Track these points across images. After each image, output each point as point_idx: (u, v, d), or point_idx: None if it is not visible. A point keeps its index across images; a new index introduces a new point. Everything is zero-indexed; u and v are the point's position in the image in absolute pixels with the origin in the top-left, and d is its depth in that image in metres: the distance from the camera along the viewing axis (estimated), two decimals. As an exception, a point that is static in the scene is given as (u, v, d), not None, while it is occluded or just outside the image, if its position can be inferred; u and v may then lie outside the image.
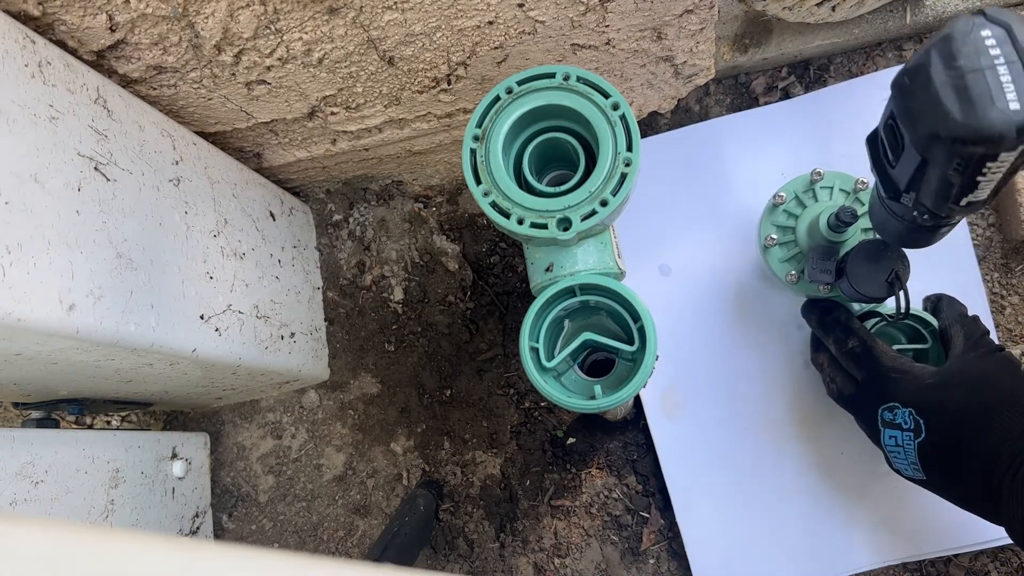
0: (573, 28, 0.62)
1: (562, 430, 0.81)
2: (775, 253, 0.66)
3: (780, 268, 0.65)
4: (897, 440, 0.57)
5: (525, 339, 0.53)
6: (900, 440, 0.57)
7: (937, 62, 0.36)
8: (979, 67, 0.35)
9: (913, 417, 0.55)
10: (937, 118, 0.36)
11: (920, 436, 0.55)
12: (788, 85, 0.80)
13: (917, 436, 0.55)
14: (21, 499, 0.61)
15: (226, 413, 0.90)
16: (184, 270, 0.63)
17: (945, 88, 0.36)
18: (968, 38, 0.36)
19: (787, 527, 0.73)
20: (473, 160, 0.53)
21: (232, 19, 0.57)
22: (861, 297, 0.57)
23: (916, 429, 0.55)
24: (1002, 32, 0.36)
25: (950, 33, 0.37)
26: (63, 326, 0.49)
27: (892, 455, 0.59)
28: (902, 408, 0.56)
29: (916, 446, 0.55)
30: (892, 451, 0.58)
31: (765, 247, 0.66)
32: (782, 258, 0.65)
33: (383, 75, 0.66)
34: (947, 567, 0.72)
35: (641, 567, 0.77)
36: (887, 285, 0.55)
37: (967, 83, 0.35)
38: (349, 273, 0.90)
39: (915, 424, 0.55)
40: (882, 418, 0.58)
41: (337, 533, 0.86)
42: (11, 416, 0.92)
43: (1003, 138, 0.35)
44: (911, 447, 0.56)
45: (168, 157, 0.64)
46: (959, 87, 0.36)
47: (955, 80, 0.36)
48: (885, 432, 0.58)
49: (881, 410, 0.58)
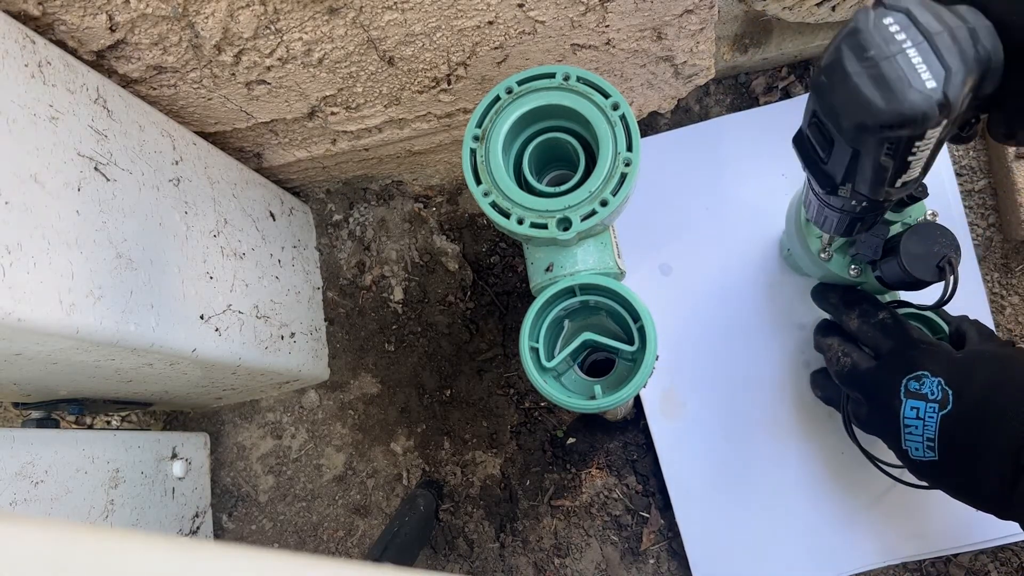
0: (573, 28, 0.62)
1: (562, 430, 0.81)
2: (814, 229, 0.62)
3: (816, 244, 0.63)
4: (919, 412, 0.55)
5: (525, 339, 0.53)
6: (923, 412, 0.55)
7: (850, 56, 0.38)
8: (890, 54, 0.37)
9: (942, 387, 0.54)
10: (861, 109, 0.38)
11: (946, 408, 0.54)
12: (788, 85, 0.80)
13: (943, 408, 0.54)
14: (21, 499, 0.61)
15: (226, 413, 0.90)
16: (184, 270, 0.63)
17: (862, 79, 0.38)
18: (874, 28, 0.38)
19: (787, 527, 0.73)
20: (473, 160, 0.53)
21: (232, 19, 0.57)
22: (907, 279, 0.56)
23: (943, 400, 0.54)
24: (903, 17, 0.38)
25: (856, 27, 0.38)
26: (63, 326, 0.49)
27: (908, 430, 0.56)
28: (931, 377, 0.55)
29: (939, 419, 0.54)
30: (910, 425, 0.56)
31: (806, 220, 0.63)
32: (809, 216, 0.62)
33: (383, 75, 0.66)
34: (947, 567, 0.72)
35: (641, 567, 0.77)
36: (937, 270, 0.55)
37: (882, 71, 0.37)
38: (349, 273, 0.90)
39: (943, 395, 0.54)
40: (907, 388, 0.56)
41: (337, 533, 0.86)
42: (11, 416, 0.92)
43: (927, 116, 0.37)
44: (933, 421, 0.54)
45: (168, 157, 0.64)
46: (875, 76, 0.37)
47: (870, 70, 0.37)
48: (907, 403, 0.56)
49: (907, 380, 0.56)
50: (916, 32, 0.37)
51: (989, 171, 0.75)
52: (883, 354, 0.60)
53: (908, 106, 0.37)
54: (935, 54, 0.37)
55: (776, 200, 0.77)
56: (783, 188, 0.77)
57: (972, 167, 0.75)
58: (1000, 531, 0.69)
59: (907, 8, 0.38)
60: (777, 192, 0.77)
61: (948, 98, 0.37)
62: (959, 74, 0.37)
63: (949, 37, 0.37)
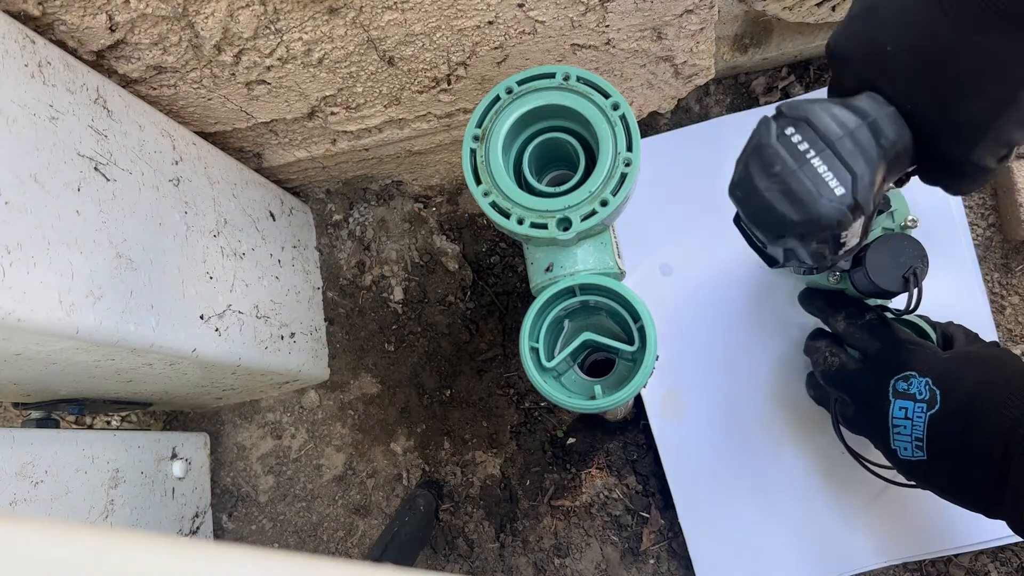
0: (573, 28, 0.62)
1: (562, 430, 0.81)
2: None
3: None
4: (908, 412, 0.56)
5: (525, 339, 0.53)
6: (911, 412, 0.55)
7: (758, 173, 0.40)
8: (795, 167, 0.38)
9: (930, 387, 0.55)
10: (776, 223, 0.39)
11: (934, 408, 0.54)
12: (788, 85, 0.80)
13: (931, 408, 0.54)
14: (21, 499, 0.61)
15: (226, 413, 0.90)
16: (184, 270, 0.63)
17: (773, 194, 0.39)
18: (776, 142, 0.39)
19: (788, 527, 0.73)
20: (473, 160, 0.53)
21: (232, 19, 0.57)
22: (874, 289, 0.57)
23: (931, 400, 0.54)
24: (804, 126, 0.39)
25: (759, 141, 0.40)
26: (63, 326, 0.49)
27: (896, 431, 0.57)
28: (919, 378, 0.55)
29: (927, 419, 0.54)
30: (898, 425, 0.56)
31: None
32: None
33: (383, 75, 0.66)
34: (947, 567, 0.72)
35: (641, 567, 0.77)
36: (903, 280, 0.55)
37: (790, 185, 0.38)
38: (349, 273, 0.90)
39: (931, 395, 0.54)
40: (895, 388, 0.57)
41: (337, 533, 0.86)
42: (11, 416, 0.92)
43: (841, 222, 0.38)
44: (921, 421, 0.55)
45: (168, 157, 0.64)
46: (785, 191, 0.39)
47: (779, 185, 0.39)
48: (895, 404, 0.56)
49: (895, 380, 0.57)
50: (818, 140, 0.38)
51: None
52: (870, 355, 0.60)
53: (820, 216, 0.38)
54: (839, 160, 0.38)
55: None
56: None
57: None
58: (1000, 531, 0.69)
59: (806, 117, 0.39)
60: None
61: (858, 201, 0.38)
62: (865, 176, 0.38)
63: (850, 141, 0.38)
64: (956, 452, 0.53)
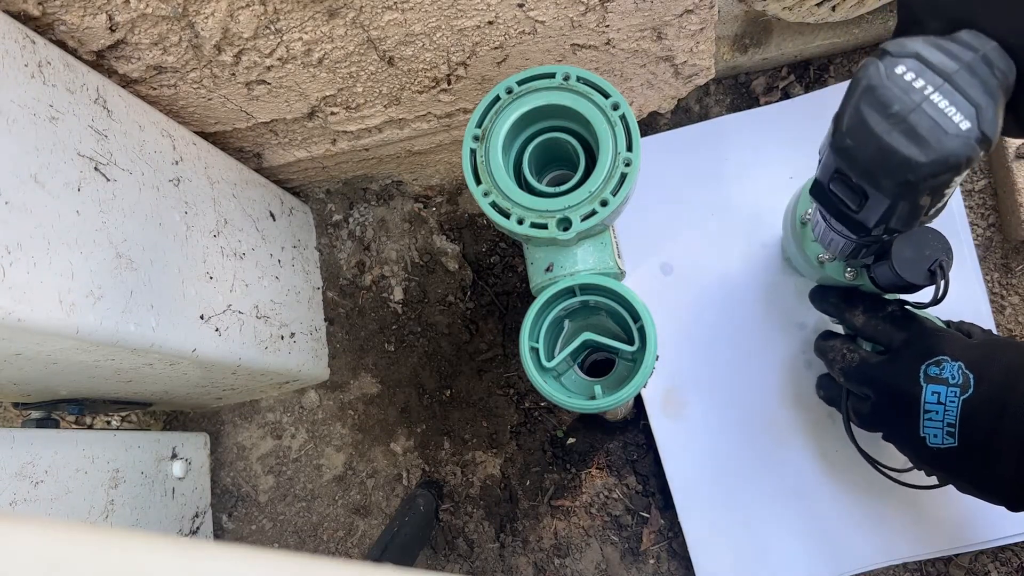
0: (573, 28, 0.62)
1: (562, 430, 0.81)
2: (810, 233, 0.63)
3: (812, 248, 0.62)
4: (940, 396, 0.55)
5: (525, 339, 0.53)
6: (944, 396, 0.54)
7: (874, 115, 0.37)
8: (914, 104, 0.36)
9: (963, 371, 0.54)
10: (900, 167, 0.37)
11: (968, 392, 0.53)
12: (788, 85, 0.80)
13: (964, 392, 0.53)
14: (21, 499, 0.61)
15: (226, 413, 0.90)
16: (184, 270, 0.63)
17: (894, 136, 0.37)
18: (888, 81, 0.37)
19: (788, 527, 0.73)
20: (473, 160, 0.53)
21: (232, 19, 0.57)
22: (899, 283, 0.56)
23: (964, 384, 0.53)
24: (914, 63, 0.37)
25: (869, 83, 0.37)
26: (63, 326, 0.49)
27: (928, 416, 0.56)
28: (951, 362, 0.55)
29: (961, 403, 0.53)
30: (931, 410, 0.55)
31: (801, 223, 0.63)
32: (815, 238, 0.63)
33: (383, 75, 0.66)
34: (947, 567, 0.72)
35: (641, 567, 0.77)
36: (929, 274, 0.54)
37: (912, 124, 0.36)
38: (349, 273, 0.90)
39: (964, 379, 0.54)
40: (926, 373, 0.56)
41: (337, 533, 0.86)
42: (11, 416, 0.92)
43: (970, 158, 0.36)
44: (955, 405, 0.54)
45: (168, 157, 0.64)
46: (907, 131, 0.36)
47: (899, 126, 0.36)
48: (927, 389, 0.55)
49: (926, 365, 0.56)
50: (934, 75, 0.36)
51: (989, 171, 0.75)
52: (896, 345, 0.59)
53: (949, 152, 0.36)
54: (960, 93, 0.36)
55: (776, 199, 0.77)
56: (783, 187, 0.77)
57: (972, 167, 0.75)
58: (1000, 531, 0.69)
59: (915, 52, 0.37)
60: (777, 191, 0.77)
61: (985, 134, 0.36)
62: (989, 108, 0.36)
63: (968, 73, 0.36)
64: (988, 438, 0.52)
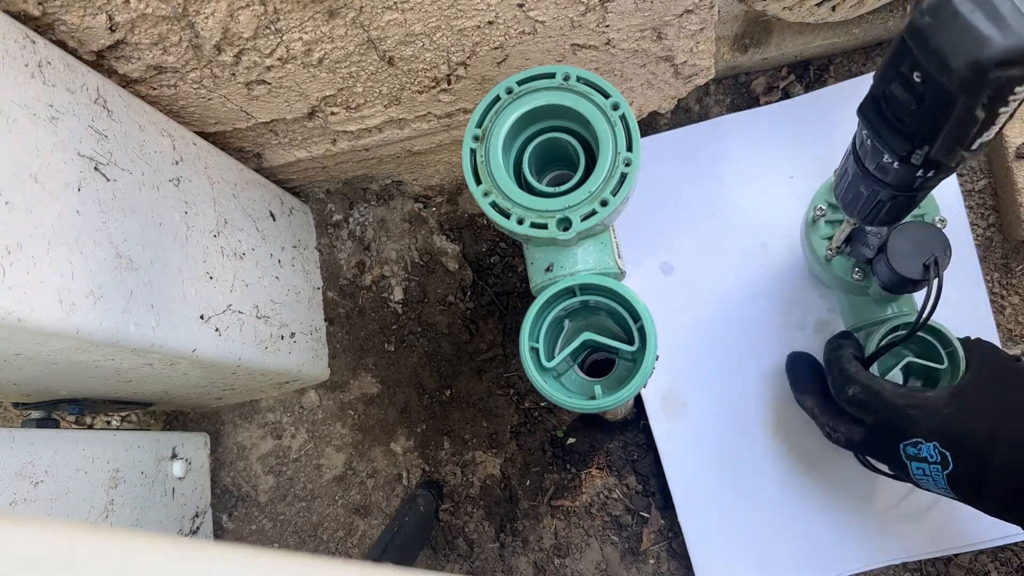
0: (573, 28, 0.62)
1: (562, 430, 0.81)
2: (820, 228, 0.64)
3: (820, 244, 0.63)
4: (925, 471, 0.56)
5: (525, 339, 0.53)
6: (928, 471, 0.56)
7: None
8: None
9: (939, 450, 0.54)
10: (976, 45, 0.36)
11: (948, 468, 0.54)
12: (788, 85, 0.80)
13: (945, 468, 0.54)
14: (21, 499, 0.61)
15: (226, 413, 0.90)
16: (184, 270, 0.63)
17: (976, 15, 0.36)
18: None
19: (788, 526, 0.73)
20: (473, 160, 0.53)
21: (232, 19, 0.57)
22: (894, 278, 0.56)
23: (943, 462, 0.54)
24: None
25: None
26: (63, 326, 0.49)
27: (922, 483, 0.58)
28: (926, 443, 0.55)
29: (945, 477, 0.55)
30: (922, 480, 0.57)
31: (813, 219, 0.64)
32: (825, 235, 0.64)
33: (383, 75, 0.66)
34: (947, 567, 0.72)
35: (641, 567, 0.77)
36: (924, 268, 0.54)
37: (995, 4, 0.36)
38: (349, 273, 0.90)
39: (942, 457, 0.54)
40: (906, 453, 0.57)
41: (337, 533, 0.86)
42: (11, 416, 0.92)
43: None
44: (940, 478, 0.55)
45: (168, 157, 0.64)
46: (988, 10, 0.36)
47: (983, 6, 0.36)
48: (912, 465, 0.57)
49: (903, 446, 0.57)
50: None
51: (989, 171, 0.75)
52: (870, 424, 0.60)
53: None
54: None
55: (776, 199, 0.77)
56: (783, 187, 0.77)
57: (972, 167, 0.75)
58: (1000, 531, 0.69)
59: None
60: (777, 192, 0.77)
61: None
62: None
63: None
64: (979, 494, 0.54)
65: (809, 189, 0.66)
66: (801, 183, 0.77)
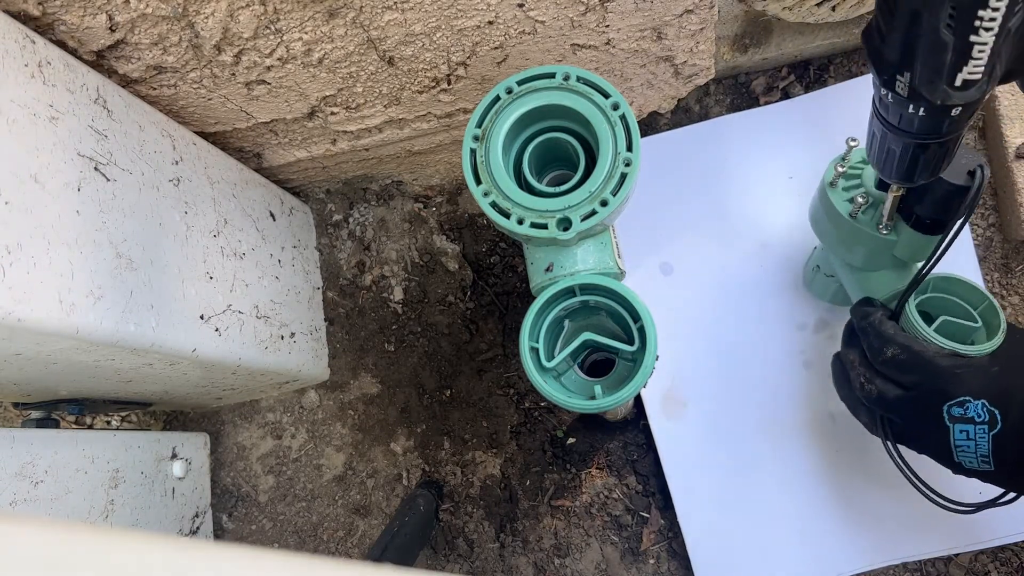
0: (573, 28, 0.62)
1: (562, 430, 0.81)
2: (839, 190, 0.61)
3: (843, 204, 0.61)
4: (969, 434, 0.54)
5: (525, 339, 0.53)
6: (973, 434, 0.54)
7: None
8: None
9: (987, 408, 0.53)
10: None
11: (996, 427, 0.53)
12: (788, 85, 0.80)
13: (992, 428, 0.53)
14: (21, 499, 0.61)
15: (226, 413, 0.90)
16: (184, 270, 0.63)
17: None
18: None
19: (788, 526, 0.73)
20: (473, 160, 0.53)
21: (232, 19, 0.57)
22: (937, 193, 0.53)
23: (991, 420, 0.53)
24: None
25: None
26: (63, 326, 0.49)
27: (961, 450, 0.56)
28: (974, 401, 0.54)
29: (991, 438, 0.53)
30: (962, 446, 0.55)
31: (831, 183, 0.61)
32: (846, 194, 0.61)
33: (383, 75, 0.66)
34: (947, 567, 0.72)
35: (641, 567, 0.77)
36: (968, 175, 0.52)
37: None
38: (349, 273, 0.90)
39: (990, 416, 0.53)
40: (950, 414, 0.55)
41: (337, 533, 0.86)
42: (11, 416, 0.92)
43: None
44: (985, 441, 0.54)
45: (168, 157, 0.64)
46: None
47: None
48: (955, 428, 0.55)
49: (948, 406, 0.55)
50: None
51: (989, 171, 0.75)
52: (911, 385, 0.57)
53: None
54: None
55: (776, 199, 0.77)
56: (783, 187, 0.77)
57: None
58: (1000, 531, 0.69)
59: None
60: (777, 191, 0.77)
61: None
62: None
63: None
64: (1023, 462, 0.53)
65: (809, 189, 0.66)
66: (801, 183, 0.77)
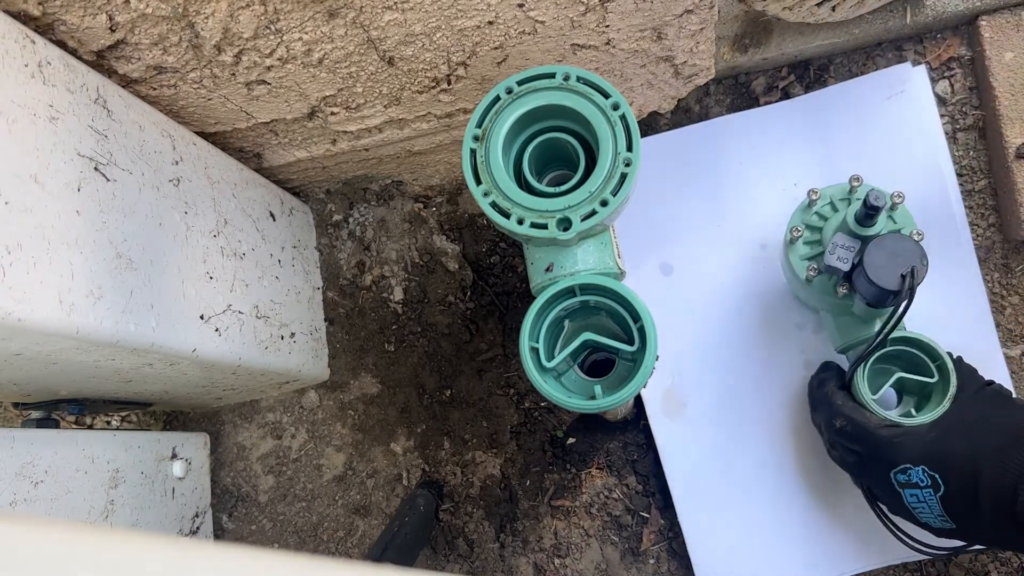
0: (573, 28, 0.62)
1: (562, 430, 0.81)
2: (798, 249, 0.64)
3: (800, 265, 0.63)
4: (919, 497, 0.58)
5: (525, 339, 0.53)
6: (922, 497, 0.57)
7: None
8: None
9: (928, 473, 0.56)
10: None
11: (940, 490, 0.56)
12: (788, 85, 0.80)
13: (937, 491, 0.56)
14: (21, 499, 0.61)
15: (226, 413, 0.90)
16: (184, 270, 0.63)
17: None
18: None
19: (788, 527, 0.73)
20: (473, 160, 0.53)
21: (232, 19, 0.57)
22: (872, 291, 0.56)
23: (934, 484, 0.56)
24: None
25: None
26: (63, 326, 0.49)
27: (918, 511, 0.59)
28: (914, 467, 0.57)
29: (938, 500, 0.56)
30: (917, 507, 0.59)
31: (790, 240, 0.64)
32: (804, 255, 0.64)
33: (383, 75, 0.66)
34: (947, 567, 0.72)
35: (641, 567, 0.77)
36: (900, 279, 0.54)
37: None
38: (349, 273, 0.90)
39: (931, 480, 0.56)
40: (897, 481, 0.59)
41: (337, 533, 0.86)
42: (11, 416, 0.92)
43: None
44: (934, 502, 0.57)
45: (168, 157, 0.64)
46: None
47: None
48: (905, 493, 0.59)
49: (894, 474, 0.59)
50: None
51: (989, 171, 0.75)
52: (861, 454, 0.62)
53: None
54: None
55: (776, 200, 0.77)
56: (783, 187, 0.77)
57: (972, 167, 0.75)
58: (1000, 531, 0.69)
59: None
60: (777, 191, 0.77)
61: None
62: None
63: None
64: (977, 520, 0.55)
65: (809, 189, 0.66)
66: (800, 183, 0.77)
